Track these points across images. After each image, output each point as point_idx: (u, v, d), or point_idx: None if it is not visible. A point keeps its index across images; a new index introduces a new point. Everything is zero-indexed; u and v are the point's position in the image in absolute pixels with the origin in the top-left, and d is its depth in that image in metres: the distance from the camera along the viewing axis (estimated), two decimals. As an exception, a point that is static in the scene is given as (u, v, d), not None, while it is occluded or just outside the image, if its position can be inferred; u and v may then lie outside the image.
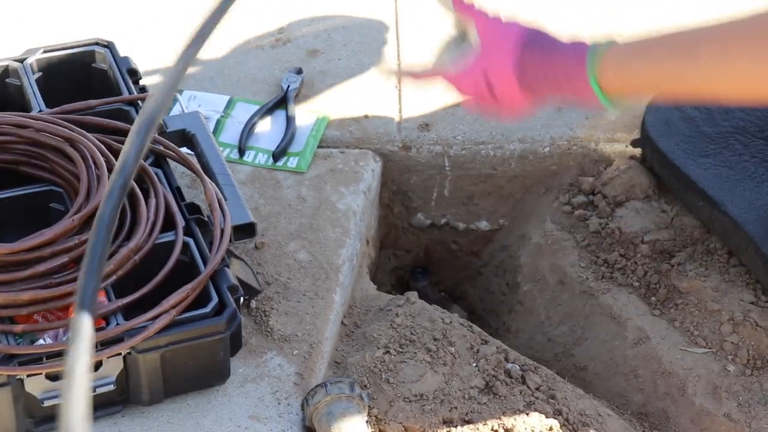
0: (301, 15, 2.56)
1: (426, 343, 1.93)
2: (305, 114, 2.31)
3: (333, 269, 2.02)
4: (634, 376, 2.01)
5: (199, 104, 2.29)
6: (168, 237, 1.81)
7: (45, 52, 2.11)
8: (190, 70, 2.39)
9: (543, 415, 1.87)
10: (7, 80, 2.07)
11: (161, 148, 1.95)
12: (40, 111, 1.98)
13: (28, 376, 1.67)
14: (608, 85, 1.43)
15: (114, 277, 1.73)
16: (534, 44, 1.50)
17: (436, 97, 2.36)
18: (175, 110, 2.24)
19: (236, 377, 1.83)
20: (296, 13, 2.57)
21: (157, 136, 1.97)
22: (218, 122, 2.28)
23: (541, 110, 2.33)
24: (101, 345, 1.68)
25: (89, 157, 1.83)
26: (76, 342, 1.19)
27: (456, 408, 1.86)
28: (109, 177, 1.81)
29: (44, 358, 1.66)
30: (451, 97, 1.61)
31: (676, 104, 1.76)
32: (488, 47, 1.53)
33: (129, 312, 1.72)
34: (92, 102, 2.00)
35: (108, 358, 1.69)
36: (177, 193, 1.90)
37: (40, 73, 2.10)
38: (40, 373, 1.67)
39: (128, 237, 1.79)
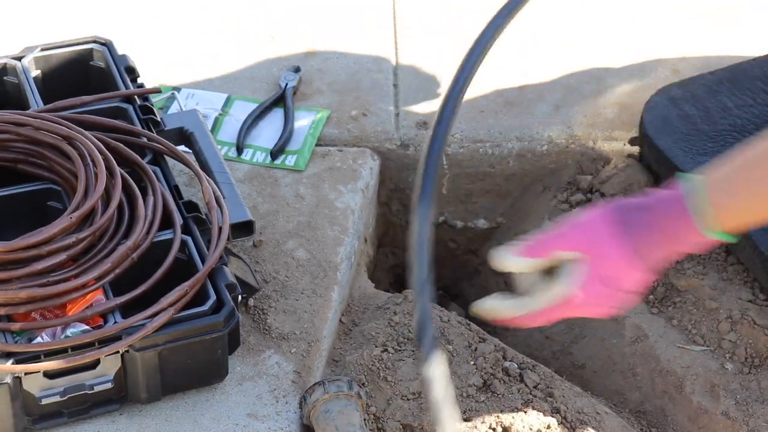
0: (299, 13, 2.56)
1: (424, 341, 1.93)
2: (303, 112, 2.31)
3: (331, 267, 2.02)
4: (632, 374, 2.02)
5: (197, 102, 2.29)
6: (166, 235, 1.81)
7: (43, 50, 2.11)
8: (188, 68, 2.40)
9: (541, 413, 1.87)
10: (5, 78, 2.07)
11: (159, 146, 1.95)
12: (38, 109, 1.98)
13: (25, 374, 1.67)
14: (725, 222, 1.35)
15: (112, 275, 1.73)
16: (625, 219, 1.39)
17: (434, 94, 2.36)
18: (173, 108, 2.24)
19: (234, 375, 1.83)
20: (294, 11, 2.57)
21: (154, 134, 1.97)
22: (216, 120, 2.28)
23: (538, 109, 2.33)
24: (99, 343, 1.68)
25: (87, 155, 1.83)
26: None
27: (454, 406, 1.86)
28: (106, 175, 1.81)
29: (42, 356, 1.66)
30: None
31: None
32: (587, 253, 1.38)
33: (127, 310, 1.72)
34: (86, 98, 2.00)
35: (106, 356, 1.69)
36: (175, 191, 1.90)
37: (39, 71, 2.10)
38: (38, 371, 1.67)
39: (126, 235, 1.79)
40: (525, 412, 1.86)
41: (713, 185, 1.35)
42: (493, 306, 1.48)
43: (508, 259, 1.45)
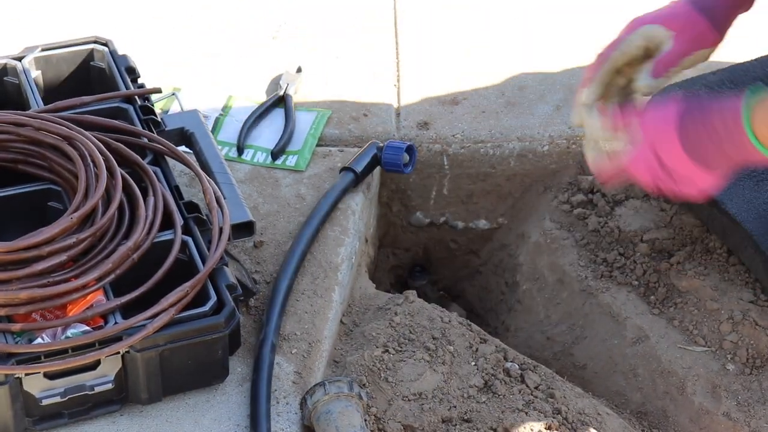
0: (299, 12, 2.56)
1: (425, 341, 1.93)
2: (304, 112, 2.31)
3: (332, 268, 2.02)
4: (633, 375, 2.01)
5: (197, 102, 2.29)
6: (166, 236, 1.81)
7: (43, 50, 2.11)
8: (189, 68, 2.40)
9: (542, 414, 1.86)
10: (5, 78, 2.07)
11: (160, 146, 1.94)
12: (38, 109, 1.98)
13: (26, 374, 1.66)
14: (763, 136, 1.46)
15: (112, 276, 1.73)
16: (692, 110, 1.54)
17: (435, 95, 2.36)
18: (174, 109, 2.24)
19: (235, 376, 1.83)
20: (295, 11, 2.57)
21: (155, 134, 1.97)
22: (217, 121, 2.28)
23: (539, 109, 2.33)
24: (99, 344, 1.68)
25: (88, 155, 1.83)
26: None
27: (455, 407, 1.86)
28: (107, 176, 1.81)
29: (42, 357, 1.66)
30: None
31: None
32: (650, 130, 1.60)
33: (127, 311, 1.72)
34: (85, 98, 2.00)
35: (106, 356, 1.69)
36: (175, 191, 1.89)
37: (39, 72, 2.10)
38: (39, 372, 1.67)
39: (127, 236, 1.78)
40: (526, 413, 1.86)
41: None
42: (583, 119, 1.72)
43: (596, 124, 1.69)
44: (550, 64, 2.42)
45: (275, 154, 2.21)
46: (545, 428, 1.85)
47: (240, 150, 2.22)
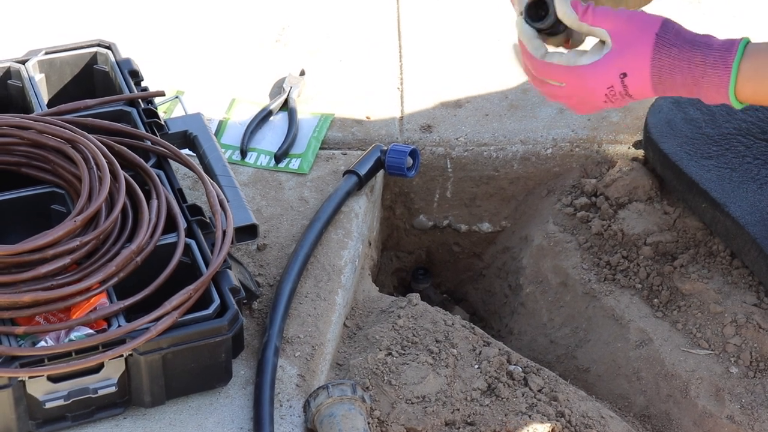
0: (302, 15, 2.56)
1: (428, 344, 1.93)
2: (307, 115, 2.31)
3: (335, 271, 2.02)
4: (637, 378, 2.01)
5: (201, 105, 2.29)
6: (170, 239, 1.81)
7: (47, 53, 2.12)
8: (192, 71, 2.40)
9: (545, 417, 1.86)
10: (8, 82, 2.07)
11: (163, 149, 1.95)
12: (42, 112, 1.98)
13: (29, 378, 1.67)
14: (744, 95, 1.46)
15: (116, 279, 1.73)
16: (671, 41, 1.51)
17: (438, 98, 2.36)
18: (177, 112, 2.24)
19: (238, 379, 1.83)
20: (298, 13, 2.57)
21: (158, 138, 1.97)
22: (220, 124, 2.28)
23: (543, 112, 2.33)
24: (103, 347, 1.68)
25: (91, 158, 1.83)
26: None
27: (458, 410, 1.86)
28: (110, 179, 1.81)
29: (46, 360, 1.66)
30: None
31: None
32: (624, 45, 1.52)
33: (131, 314, 1.72)
34: (89, 101, 2.00)
35: (110, 359, 1.69)
36: (179, 194, 1.90)
37: (42, 75, 2.10)
38: (42, 375, 1.67)
39: (130, 238, 1.78)
40: (529, 416, 1.86)
41: (755, 56, 1.45)
42: (525, 32, 1.60)
43: (565, 7, 1.54)
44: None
45: (278, 157, 2.21)
46: (548, 431, 1.85)
47: (243, 153, 2.22)
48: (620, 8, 1.53)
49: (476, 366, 1.92)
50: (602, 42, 1.55)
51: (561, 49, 1.60)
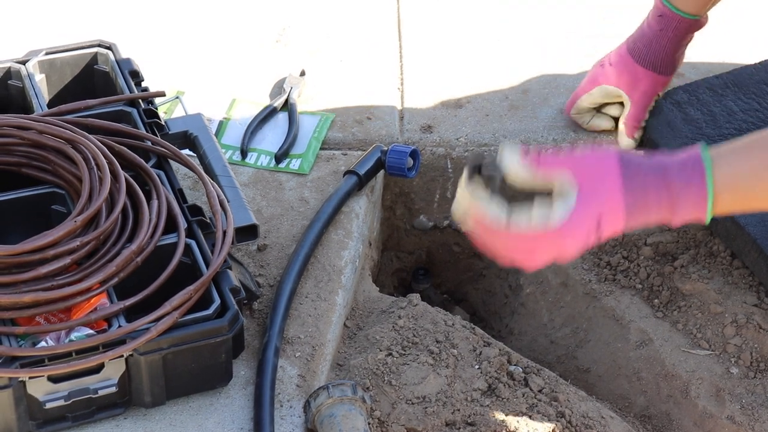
0: (303, 15, 2.56)
1: (428, 345, 1.93)
2: (307, 116, 2.31)
3: (335, 271, 2.02)
4: (637, 378, 2.01)
5: (201, 106, 2.29)
6: (170, 239, 1.81)
7: (47, 53, 2.12)
8: (193, 71, 2.40)
9: (546, 418, 1.86)
10: (9, 82, 2.07)
11: (163, 149, 1.95)
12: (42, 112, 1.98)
13: (30, 378, 1.67)
14: (721, 206, 1.39)
15: (116, 279, 1.73)
16: (636, 174, 1.39)
17: (439, 98, 2.36)
18: (178, 112, 2.24)
19: (238, 379, 1.83)
20: (298, 13, 2.57)
21: (158, 138, 1.97)
22: (221, 124, 2.28)
23: (543, 113, 2.33)
24: (103, 347, 1.68)
25: (91, 158, 1.83)
26: None
27: (458, 410, 1.86)
28: (111, 179, 1.81)
29: (46, 360, 1.66)
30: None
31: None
32: (591, 192, 1.38)
33: (131, 314, 1.72)
34: (90, 102, 2.00)
35: (110, 360, 1.69)
36: (179, 194, 1.90)
37: (43, 75, 2.10)
38: (43, 376, 1.67)
39: (130, 239, 1.78)
40: (530, 417, 1.86)
41: (721, 168, 1.38)
42: (475, 197, 1.44)
43: (515, 161, 1.40)
44: (554, 68, 2.43)
45: (279, 158, 2.21)
46: (549, 431, 1.85)
47: (243, 153, 2.22)
48: (568, 151, 1.41)
49: (476, 366, 1.92)
50: (551, 193, 1.40)
51: (520, 210, 1.41)
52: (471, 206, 1.41)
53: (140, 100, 2.04)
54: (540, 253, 1.40)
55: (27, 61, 2.09)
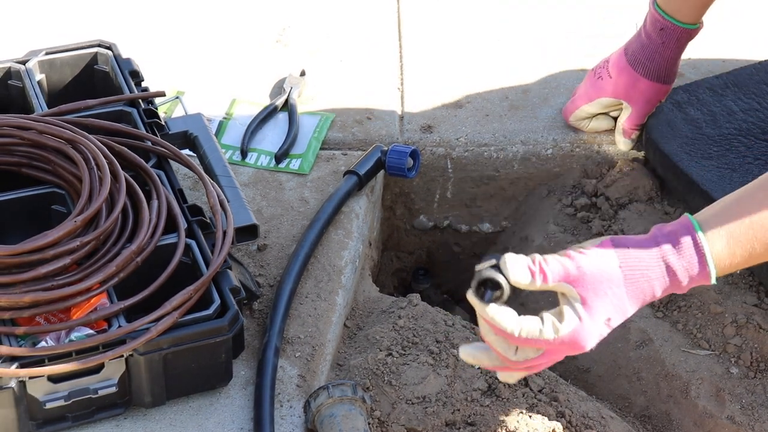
0: (303, 15, 2.56)
1: (428, 345, 1.93)
2: (307, 116, 2.31)
3: (335, 271, 2.02)
4: (637, 378, 2.01)
5: (201, 106, 2.29)
6: (170, 239, 1.81)
7: (47, 53, 2.12)
8: (193, 71, 2.40)
9: (546, 418, 1.86)
10: (9, 82, 2.07)
11: (163, 149, 1.95)
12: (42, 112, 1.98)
13: (30, 378, 1.67)
14: (726, 266, 1.43)
15: (116, 279, 1.73)
16: (635, 267, 1.44)
17: (439, 98, 2.36)
18: (178, 112, 2.24)
19: (238, 379, 1.83)
20: (298, 13, 2.57)
21: (158, 138, 1.97)
22: (221, 124, 2.28)
23: (543, 113, 2.33)
24: (103, 347, 1.68)
25: (91, 158, 1.83)
26: None
27: (459, 410, 1.86)
28: (111, 179, 1.82)
29: (46, 360, 1.66)
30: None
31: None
32: (596, 301, 1.43)
33: (131, 314, 1.72)
34: (90, 102, 2.00)
35: (110, 360, 1.69)
36: (179, 195, 1.90)
37: (43, 75, 2.10)
38: (42, 376, 1.67)
39: (130, 239, 1.79)
40: (530, 417, 1.86)
41: (717, 243, 1.42)
42: (476, 355, 1.52)
43: (519, 269, 1.44)
44: (554, 68, 2.43)
45: (279, 158, 2.21)
46: (549, 432, 1.85)
47: (243, 153, 2.22)
48: (568, 253, 1.44)
49: (476, 366, 1.92)
50: (563, 295, 1.46)
51: (531, 320, 1.46)
52: (481, 313, 1.46)
53: (140, 100, 2.04)
54: (554, 353, 1.47)
55: (27, 61, 2.09)
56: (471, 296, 1.46)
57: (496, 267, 1.46)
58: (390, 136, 2.28)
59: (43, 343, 1.69)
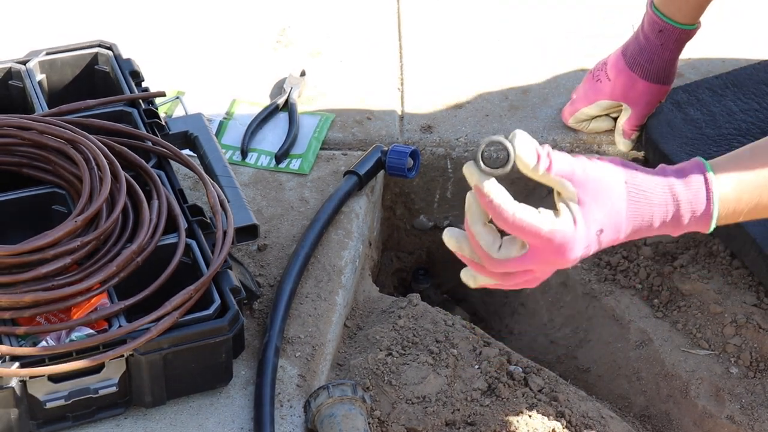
0: (303, 16, 2.57)
1: (428, 345, 1.93)
2: (308, 116, 2.31)
3: (335, 271, 2.02)
4: (637, 378, 2.01)
5: (201, 106, 2.29)
6: (170, 239, 1.82)
7: (48, 54, 2.12)
8: (193, 71, 2.40)
9: (545, 417, 1.87)
10: (9, 82, 2.07)
11: (164, 149, 1.95)
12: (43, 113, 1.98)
13: (30, 378, 1.67)
14: (728, 217, 1.41)
15: (116, 279, 1.73)
16: (640, 187, 1.40)
17: (439, 98, 2.36)
18: (178, 112, 2.25)
19: (239, 379, 1.83)
20: (298, 13, 2.57)
21: (159, 138, 1.98)
22: (221, 124, 2.28)
23: (543, 113, 2.33)
24: (104, 347, 1.68)
25: (92, 159, 1.83)
26: None
27: (458, 410, 1.86)
28: (111, 179, 1.82)
29: (47, 360, 1.66)
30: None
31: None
32: (594, 200, 1.38)
33: (131, 314, 1.72)
34: (90, 102, 2.00)
35: (110, 359, 1.69)
36: (179, 195, 1.90)
37: (43, 75, 2.10)
38: (43, 375, 1.67)
39: (131, 239, 1.79)
40: (530, 416, 1.86)
41: (725, 181, 1.39)
42: (459, 240, 1.47)
43: (528, 146, 1.39)
44: (554, 68, 2.43)
45: (279, 158, 2.21)
46: (549, 431, 1.85)
47: (244, 153, 2.22)
48: (578, 155, 1.41)
49: (476, 366, 1.92)
50: (560, 194, 1.41)
51: (528, 207, 1.41)
52: (479, 184, 1.41)
53: (141, 101, 2.04)
54: (540, 253, 1.40)
55: (28, 61, 2.09)
56: (470, 166, 1.40)
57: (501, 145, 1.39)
58: (390, 136, 2.28)
59: (43, 343, 1.69)
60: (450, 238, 1.47)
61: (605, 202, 1.38)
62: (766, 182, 1.39)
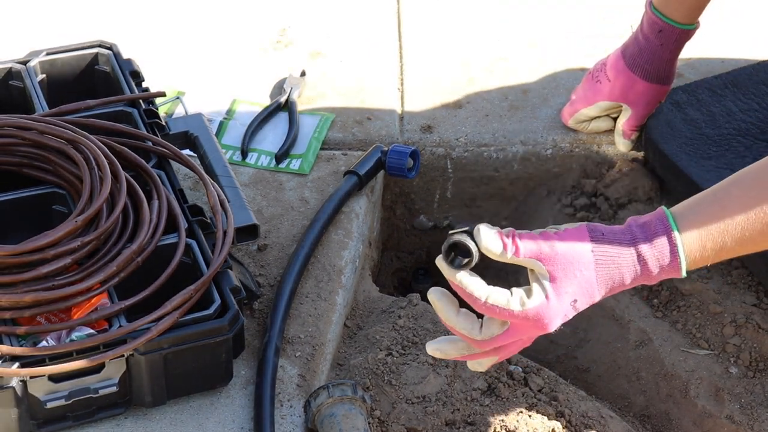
0: (303, 16, 2.57)
1: (428, 345, 1.94)
2: (307, 116, 2.31)
3: (335, 271, 2.02)
4: (637, 378, 2.02)
5: (202, 106, 2.30)
6: (171, 239, 1.82)
7: (48, 54, 2.12)
8: (193, 71, 2.40)
9: (545, 417, 1.87)
10: (10, 82, 2.08)
11: (164, 149, 1.95)
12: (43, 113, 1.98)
13: (31, 377, 1.67)
14: (696, 259, 1.43)
15: (117, 279, 1.73)
16: (607, 254, 1.43)
17: (439, 98, 2.36)
18: (178, 112, 2.25)
19: (239, 379, 1.83)
20: (299, 14, 2.57)
21: (159, 138, 1.98)
22: (221, 124, 2.29)
23: (543, 113, 2.33)
24: (104, 347, 1.68)
25: (92, 159, 1.84)
26: None
27: (458, 410, 1.86)
28: (111, 179, 1.82)
29: (47, 360, 1.67)
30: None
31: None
32: (564, 274, 1.42)
33: (132, 314, 1.72)
34: (90, 102, 2.01)
35: (111, 359, 1.69)
36: (180, 195, 1.90)
37: (44, 75, 2.10)
38: (43, 375, 1.67)
39: (131, 239, 1.79)
40: (529, 416, 1.86)
41: (690, 234, 1.42)
42: (442, 348, 1.53)
43: (492, 238, 1.43)
44: (554, 68, 2.43)
45: (279, 158, 2.21)
46: (549, 431, 1.85)
47: (244, 153, 2.23)
48: (544, 231, 1.44)
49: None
50: (533, 271, 1.44)
51: (499, 290, 1.44)
52: (451, 277, 1.46)
53: (141, 101, 2.04)
54: (519, 328, 1.46)
55: (28, 61, 2.10)
56: (440, 261, 1.45)
57: (469, 234, 1.44)
58: (390, 136, 2.28)
59: (44, 343, 1.69)
60: (434, 350, 1.54)
61: (575, 273, 1.42)
62: (728, 228, 1.42)
